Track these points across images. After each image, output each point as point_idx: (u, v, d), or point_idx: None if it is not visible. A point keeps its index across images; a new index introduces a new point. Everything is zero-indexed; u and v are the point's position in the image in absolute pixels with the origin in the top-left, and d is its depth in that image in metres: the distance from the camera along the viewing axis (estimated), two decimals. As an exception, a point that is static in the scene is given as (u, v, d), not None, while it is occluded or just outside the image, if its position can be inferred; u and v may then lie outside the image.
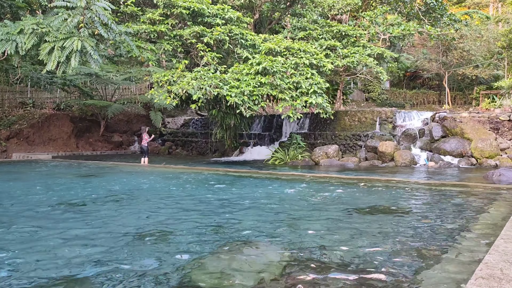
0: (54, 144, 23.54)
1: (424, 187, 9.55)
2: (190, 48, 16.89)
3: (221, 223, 5.85)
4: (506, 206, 6.77)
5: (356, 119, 18.94)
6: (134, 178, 11.89)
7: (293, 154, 17.14)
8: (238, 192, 9.10)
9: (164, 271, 3.79)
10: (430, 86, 34.33)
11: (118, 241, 4.85)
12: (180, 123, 27.04)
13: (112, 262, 4.06)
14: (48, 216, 6.46)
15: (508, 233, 4.12)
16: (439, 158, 15.73)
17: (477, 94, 27.47)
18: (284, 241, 4.85)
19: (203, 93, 13.91)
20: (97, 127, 25.95)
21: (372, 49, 18.64)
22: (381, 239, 4.87)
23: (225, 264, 4.01)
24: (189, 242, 4.82)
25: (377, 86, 30.70)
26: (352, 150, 17.82)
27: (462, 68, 27.29)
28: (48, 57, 12.29)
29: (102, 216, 6.43)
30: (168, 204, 7.56)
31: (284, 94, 14.76)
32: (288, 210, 6.85)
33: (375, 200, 7.87)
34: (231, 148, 21.15)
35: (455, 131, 16.58)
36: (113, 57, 23.12)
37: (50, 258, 4.25)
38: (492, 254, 3.37)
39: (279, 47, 16.02)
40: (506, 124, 16.35)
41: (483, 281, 2.72)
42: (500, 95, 21.11)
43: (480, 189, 8.82)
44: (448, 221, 5.87)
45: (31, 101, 26.43)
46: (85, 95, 26.12)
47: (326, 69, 16.25)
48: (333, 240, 4.85)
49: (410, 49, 33.49)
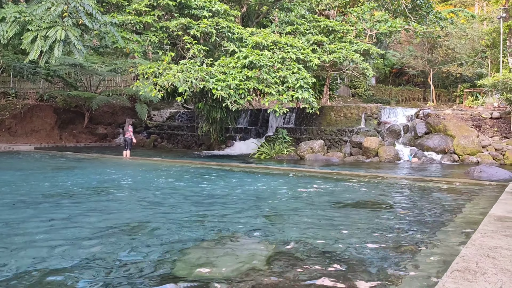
0: (37, 135, 23.18)
1: (406, 182, 9.68)
2: (176, 40, 16.76)
3: (204, 216, 5.84)
4: (485, 202, 6.90)
5: (342, 114, 19.05)
6: (116, 170, 11.79)
7: (278, 149, 17.18)
8: (222, 185, 9.09)
9: (147, 262, 3.77)
10: (415, 83, 34.73)
11: (100, 233, 4.81)
12: (166, 116, 26.86)
13: (94, 253, 4.02)
14: (28, 207, 6.36)
15: (485, 227, 4.20)
16: (422, 154, 15.94)
17: (461, 92, 27.88)
18: (267, 234, 4.87)
19: (189, 86, 13.82)
20: (81, 119, 25.62)
21: (358, 45, 18.73)
22: (361, 232, 4.92)
23: (209, 256, 4.01)
24: (172, 234, 4.81)
25: (363, 82, 30.92)
26: (337, 145, 17.93)
27: (447, 65, 27.65)
28: (31, 46, 12.06)
29: (82, 208, 6.36)
30: (150, 197, 7.52)
31: (270, 89, 14.76)
32: (272, 204, 6.88)
33: (357, 194, 7.94)
34: (217, 142, 21.10)
35: (439, 128, 16.81)
36: (98, 48, 22.84)
37: (30, 249, 4.19)
38: (468, 248, 3.43)
39: (266, 41, 15.99)
40: (488, 122, 16.64)
41: (459, 274, 2.77)
42: (483, 93, 21.47)
43: (460, 185, 8.98)
44: (428, 216, 5.96)
45: (13, 91, 25.96)
46: (69, 86, 25.76)
47: (312, 64, 16.29)
48: (315, 233, 4.88)
49: (396, 46, 33.78)
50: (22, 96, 26.28)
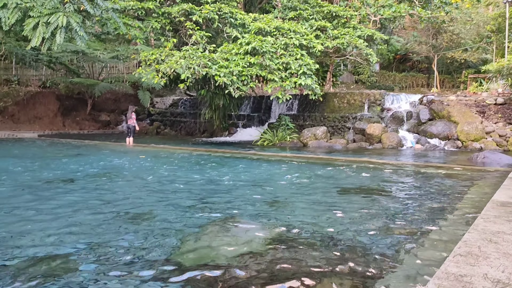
0: (40, 122, 23.24)
1: (409, 168, 9.67)
2: (178, 27, 16.63)
3: (206, 202, 5.87)
4: (488, 188, 6.90)
5: (345, 101, 18.97)
6: (118, 157, 11.83)
7: (281, 136, 17.16)
8: (224, 172, 9.12)
9: (148, 248, 3.81)
10: (419, 69, 34.44)
11: (102, 219, 4.85)
12: (169, 103, 26.83)
13: (95, 239, 4.06)
14: (32, 193, 6.41)
15: (488, 213, 4.20)
16: (425, 141, 15.90)
17: (465, 78, 27.65)
18: (269, 219, 4.89)
19: (191, 73, 13.76)
20: (84, 106, 25.62)
21: (362, 31, 18.54)
22: (363, 217, 4.94)
23: (210, 240, 4.04)
24: (173, 219, 4.84)
25: (366, 69, 30.69)
26: (340, 132, 17.89)
27: (451, 51, 27.37)
28: (32, 33, 12.01)
29: (84, 194, 6.40)
30: (152, 184, 7.55)
31: (273, 75, 14.67)
32: (273, 190, 6.90)
33: (360, 180, 7.95)
34: (220, 129, 21.09)
35: (442, 114, 16.72)
36: (100, 34, 22.73)
37: (31, 234, 4.23)
38: (471, 233, 3.44)
39: (269, 27, 15.84)
40: (492, 108, 16.54)
41: (461, 258, 2.78)
42: (488, 79, 21.28)
43: (463, 171, 8.96)
44: (431, 201, 5.96)
45: (16, 78, 25.93)
46: (72, 73, 25.72)
47: (316, 50, 16.15)
48: (317, 219, 4.90)
49: (400, 31, 33.41)
50: (25, 83, 26.26)
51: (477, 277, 2.45)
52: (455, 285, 2.32)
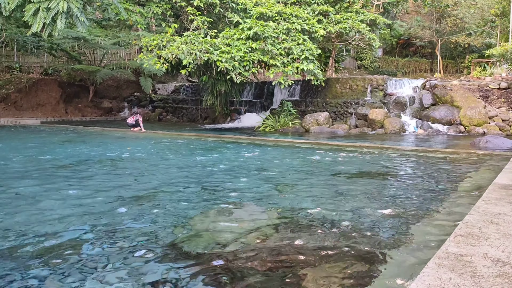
0: (42, 109, 23.27)
1: (412, 153, 9.68)
2: (180, 12, 16.53)
3: (211, 186, 5.91)
4: (490, 172, 6.92)
5: (347, 86, 18.89)
6: (120, 143, 11.87)
7: (283, 121, 17.16)
8: (227, 157, 9.16)
9: (153, 232, 3.86)
10: (422, 54, 34.20)
11: (106, 203, 4.90)
12: (171, 89, 26.77)
13: (100, 223, 4.11)
14: (38, 177, 6.46)
15: (489, 195, 4.23)
16: (428, 126, 15.87)
17: (468, 63, 27.46)
18: (274, 203, 4.93)
19: (193, 58, 13.72)
20: (86, 93, 25.61)
21: (365, 15, 18.39)
22: (367, 201, 4.97)
23: (215, 224, 4.09)
24: (177, 203, 4.89)
25: (369, 54, 30.48)
26: (342, 117, 17.87)
27: (455, 36, 27.13)
28: (33, 18, 11.96)
29: (90, 179, 6.45)
30: (156, 169, 7.60)
31: (275, 60, 14.62)
32: (278, 175, 6.94)
33: (363, 165, 7.98)
34: (222, 115, 21.09)
35: (445, 99, 16.66)
36: (101, 21, 22.61)
37: (38, 216, 4.29)
38: (472, 215, 3.47)
39: (270, 11, 15.73)
40: (495, 92, 16.45)
41: (462, 239, 2.81)
42: (491, 64, 21.12)
43: (466, 156, 8.98)
44: (433, 184, 5.99)
45: (17, 65, 25.89)
46: (73, 60, 25.64)
47: (318, 35, 16.05)
48: (322, 202, 4.94)
49: (403, 16, 33.10)
50: (27, 70, 26.23)
51: (477, 257, 2.49)
52: (455, 264, 2.36)
